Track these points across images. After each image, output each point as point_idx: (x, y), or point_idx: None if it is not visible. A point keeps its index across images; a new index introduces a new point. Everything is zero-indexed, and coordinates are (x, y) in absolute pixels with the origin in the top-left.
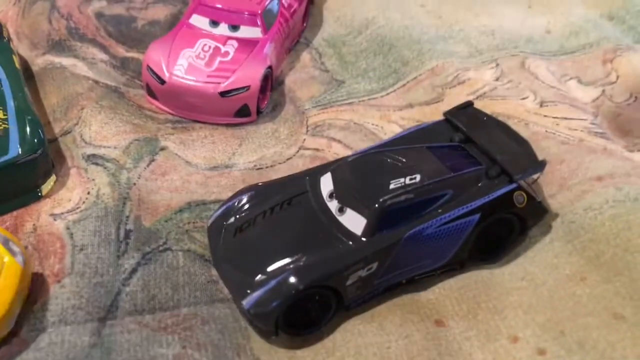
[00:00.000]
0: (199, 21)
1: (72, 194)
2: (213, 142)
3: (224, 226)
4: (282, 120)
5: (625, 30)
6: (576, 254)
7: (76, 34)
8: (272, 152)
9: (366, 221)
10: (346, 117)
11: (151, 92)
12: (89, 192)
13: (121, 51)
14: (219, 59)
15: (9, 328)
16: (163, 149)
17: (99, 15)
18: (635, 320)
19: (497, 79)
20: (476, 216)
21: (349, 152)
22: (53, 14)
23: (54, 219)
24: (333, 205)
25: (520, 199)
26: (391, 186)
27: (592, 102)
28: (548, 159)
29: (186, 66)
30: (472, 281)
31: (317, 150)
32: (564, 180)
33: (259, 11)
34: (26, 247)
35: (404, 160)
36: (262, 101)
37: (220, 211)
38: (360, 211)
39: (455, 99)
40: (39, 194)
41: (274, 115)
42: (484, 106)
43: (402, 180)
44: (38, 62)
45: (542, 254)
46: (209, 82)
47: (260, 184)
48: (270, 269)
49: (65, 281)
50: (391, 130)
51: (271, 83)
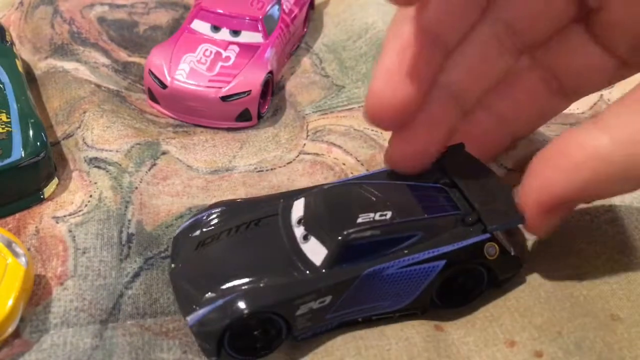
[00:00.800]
0: (200, 26)
1: (75, 197)
2: (214, 145)
3: (188, 239)
4: (282, 125)
5: None
6: (573, 255)
7: (78, 38)
8: (273, 155)
9: (327, 252)
10: (346, 124)
11: (153, 97)
12: (91, 195)
13: (123, 55)
14: (220, 64)
15: (11, 329)
16: (164, 153)
17: (101, 20)
18: (632, 321)
19: None
20: (442, 262)
21: (348, 158)
22: (55, 19)
23: (56, 222)
24: (299, 232)
25: (491, 250)
26: (359, 220)
27: (589, 109)
28: None
29: (188, 71)
30: None
31: (317, 154)
32: None
33: (260, 16)
34: (29, 249)
35: (379, 195)
36: (263, 106)
37: (188, 223)
38: (322, 241)
39: None
40: (42, 196)
41: (274, 119)
42: None
43: (371, 215)
44: (40, 66)
45: (539, 255)
46: (210, 87)
47: (238, 199)
48: (222, 287)
49: (67, 283)
50: None
51: (272, 88)
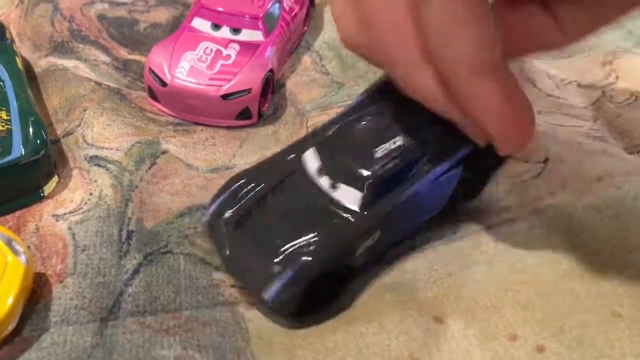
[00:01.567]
0: (200, 24)
1: (75, 195)
2: (214, 144)
3: (223, 222)
4: (282, 122)
5: (625, 35)
6: (575, 250)
7: (78, 36)
8: (272, 152)
9: (361, 195)
10: None
11: (153, 95)
12: (91, 193)
13: (123, 53)
14: (220, 62)
15: (12, 327)
16: (164, 152)
17: (101, 18)
18: (633, 318)
19: None
20: (459, 168)
21: None
22: (55, 16)
23: (56, 220)
24: (325, 182)
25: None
26: (377, 155)
27: (592, 104)
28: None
29: (188, 69)
30: (471, 279)
31: None
32: (564, 179)
33: (261, 14)
34: (28, 247)
35: (380, 124)
36: (264, 104)
37: (213, 207)
38: (354, 186)
39: None
40: (41, 194)
41: (274, 117)
42: None
43: (385, 146)
44: (40, 63)
45: (540, 248)
46: (210, 85)
47: (246, 171)
48: (282, 257)
49: (67, 281)
50: None
51: (272, 86)
